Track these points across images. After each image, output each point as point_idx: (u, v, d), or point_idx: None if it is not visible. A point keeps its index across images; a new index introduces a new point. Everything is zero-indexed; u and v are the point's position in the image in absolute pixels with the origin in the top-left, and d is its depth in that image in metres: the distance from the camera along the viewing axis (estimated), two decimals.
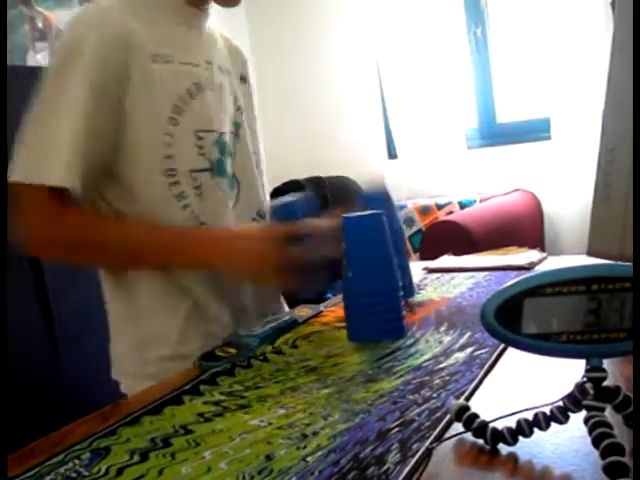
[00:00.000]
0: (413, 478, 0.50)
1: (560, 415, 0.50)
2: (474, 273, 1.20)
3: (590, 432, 0.46)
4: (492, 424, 0.53)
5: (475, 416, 0.54)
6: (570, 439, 0.52)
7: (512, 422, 0.52)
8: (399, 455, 0.53)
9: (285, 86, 3.42)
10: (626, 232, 0.67)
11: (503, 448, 0.52)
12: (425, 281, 1.19)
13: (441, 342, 0.82)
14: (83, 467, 0.57)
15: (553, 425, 0.51)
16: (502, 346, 0.75)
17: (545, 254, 1.27)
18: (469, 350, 0.77)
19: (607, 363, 0.48)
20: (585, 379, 0.49)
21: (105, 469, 0.57)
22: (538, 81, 2.86)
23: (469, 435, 0.54)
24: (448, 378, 0.69)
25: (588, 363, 0.48)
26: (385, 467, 0.51)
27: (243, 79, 1.16)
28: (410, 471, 0.50)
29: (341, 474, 0.51)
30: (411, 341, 0.84)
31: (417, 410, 0.61)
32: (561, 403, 0.50)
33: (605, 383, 0.48)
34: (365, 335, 0.86)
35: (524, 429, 0.52)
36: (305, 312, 1.02)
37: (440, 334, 0.85)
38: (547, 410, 0.51)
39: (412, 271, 1.09)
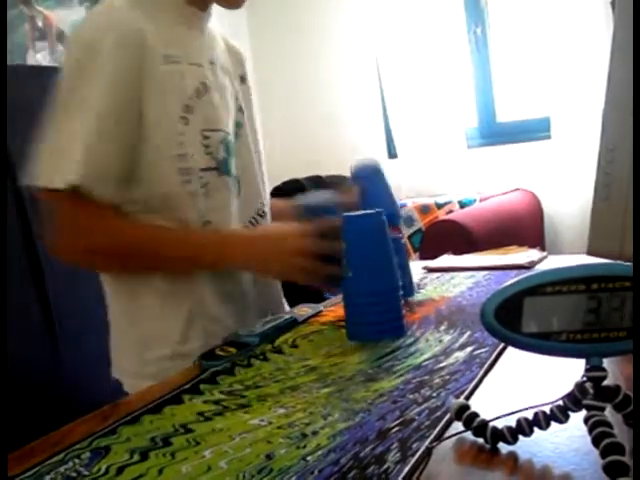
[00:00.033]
0: (413, 477, 0.50)
1: (560, 414, 0.50)
2: (474, 272, 1.20)
3: (590, 431, 0.46)
4: (492, 423, 0.53)
5: (475, 415, 0.54)
6: (570, 438, 0.52)
7: (512, 421, 0.52)
8: (399, 454, 0.53)
9: (285, 86, 3.42)
10: (626, 232, 0.67)
11: (503, 447, 0.52)
12: (425, 280, 1.19)
13: (441, 341, 0.82)
14: (83, 466, 0.58)
15: (553, 424, 0.51)
16: (502, 345, 0.76)
17: (545, 253, 1.27)
18: (469, 349, 0.77)
19: (607, 362, 0.48)
20: (585, 378, 0.49)
21: (105, 468, 0.57)
22: (538, 81, 2.85)
23: (469, 434, 0.54)
24: (448, 377, 0.69)
25: (588, 362, 0.48)
26: (385, 466, 0.51)
27: (242, 79, 1.17)
28: (410, 470, 0.50)
29: (341, 473, 0.51)
30: (411, 340, 0.84)
31: (417, 409, 0.61)
32: (561, 402, 0.50)
33: (605, 382, 0.48)
34: (365, 335, 0.86)
35: (524, 428, 0.52)
36: (305, 311, 1.02)
37: (440, 333, 0.85)
38: (547, 409, 0.51)
39: (412, 270, 1.09)
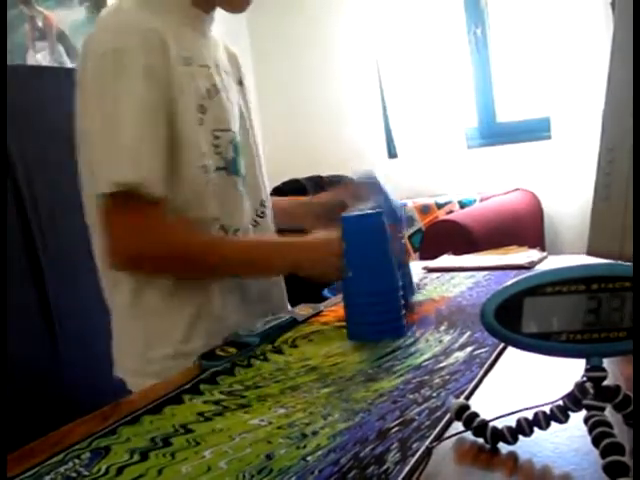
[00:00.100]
0: (413, 477, 0.50)
1: (560, 414, 0.50)
2: (474, 272, 1.20)
3: (590, 431, 0.46)
4: (492, 423, 0.53)
5: (475, 415, 0.54)
6: (570, 438, 0.52)
7: (512, 421, 0.52)
8: (399, 454, 0.53)
9: (285, 86, 3.42)
10: (626, 232, 0.67)
11: (503, 447, 0.52)
12: (425, 280, 1.19)
13: (441, 341, 0.82)
14: (83, 467, 0.57)
15: (553, 424, 0.51)
16: (502, 345, 0.75)
17: (545, 253, 1.27)
18: (469, 349, 0.77)
19: (607, 362, 0.48)
20: (585, 378, 0.49)
21: (105, 468, 0.57)
22: (538, 81, 2.85)
23: (469, 434, 0.54)
24: (448, 377, 0.69)
25: (588, 362, 0.48)
26: (385, 466, 0.51)
27: (240, 82, 1.19)
28: (410, 470, 0.50)
29: (341, 473, 0.51)
30: (411, 340, 0.84)
31: (417, 409, 0.61)
32: (561, 402, 0.50)
33: (605, 382, 0.48)
34: (365, 335, 0.86)
35: (524, 428, 0.52)
36: (305, 311, 1.02)
37: (440, 333, 0.85)
38: (547, 409, 0.51)
39: (412, 270, 1.09)
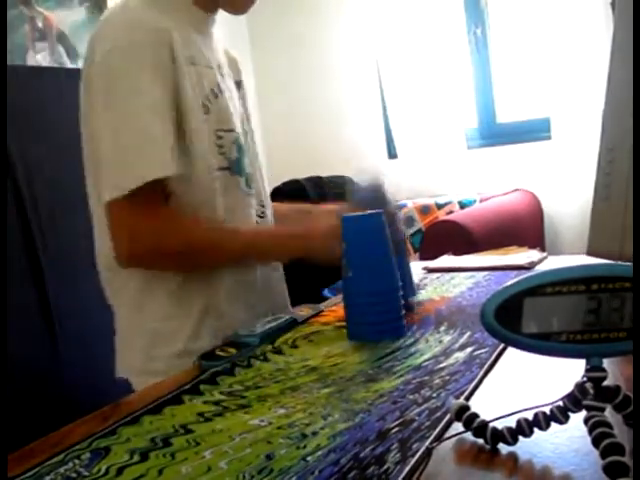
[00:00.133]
0: (413, 478, 0.50)
1: (560, 415, 0.50)
2: (474, 273, 1.20)
3: (590, 432, 0.46)
4: (492, 424, 0.53)
5: (475, 416, 0.54)
6: (570, 439, 0.52)
7: (512, 422, 0.52)
8: (399, 455, 0.53)
9: (285, 86, 3.42)
10: (626, 232, 0.67)
11: (503, 448, 0.52)
12: (425, 281, 1.19)
13: (441, 342, 0.82)
14: (83, 467, 0.57)
15: (553, 425, 0.51)
16: (502, 346, 0.75)
17: (545, 254, 1.27)
18: (469, 350, 0.77)
19: (607, 363, 0.48)
20: (585, 379, 0.48)
21: (105, 469, 0.56)
22: (538, 81, 2.85)
23: (469, 435, 0.54)
24: (448, 378, 0.69)
25: (588, 363, 0.48)
26: (385, 467, 0.51)
27: (238, 85, 1.20)
28: (410, 471, 0.50)
29: (341, 474, 0.51)
30: (411, 341, 0.84)
31: (417, 410, 0.61)
32: (561, 403, 0.50)
33: (605, 383, 0.48)
34: (365, 335, 0.86)
35: (524, 429, 0.52)
36: (305, 312, 1.02)
37: (440, 334, 0.85)
38: (547, 410, 0.51)
39: (412, 271, 1.09)
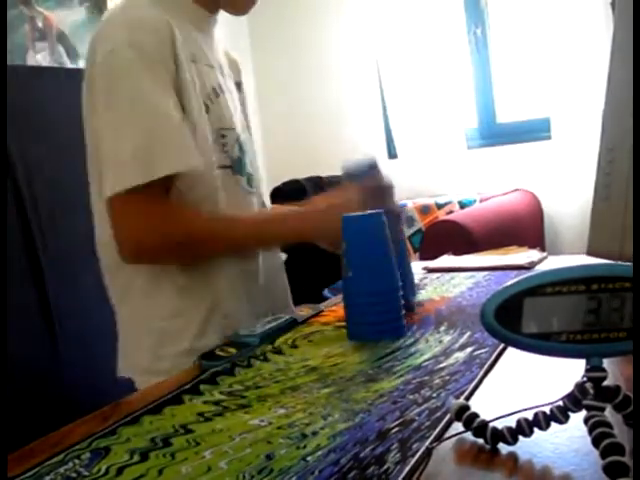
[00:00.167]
0: (413, 478, 0.50)
1: (560, 415, 0.50)
2: (474, 273, 1.20)
3: (590, 432, 0.46)
4: (492, 424, 0.53)
5: (475, 416, 0.54)
6: (570, 439, 0.52)
7: (512, 422, 0.52)
8: (399, 455, 0.53)
9: (285, 86, 3.42)
10: (626, 232, 0.67)
11: (503, 448, 0.52)
12: (425, 281, 1.19)
13: (441, 342, 0.82)
14: (83, 467, 0.57)
15: (553, 425, 0.51)
16: (502, 346, 0.75)
17: (545, 254, 1.27)
18: (469, 350, 0.77)
19: (607, 363, 0.48)
20: (585, 379, 0.48)
21: (105, 469, 0.56)
22: (538, 81, 2.86)
23: (469, 435, 0.54)
24: (448, 378, 0.69)
25: (588, 363, 0.48)
26: (385, 467, 0.51)
27: (238, 86, 1.20)
28: (410, 471, 0.50)
29: (341, 474, 0.51)
30: (411, 341, 0.84)
31: (417, 410, 0.61)
32: (561, 403, 0.50)
33: (605, 383, 0.48)
34: (365, 335, 0.86)
35: (524, 429, 0.52)
36: (305, 312, 1.02)
37: (440, 334, 0.85)
38: (547, 410, 0.51)
39: (413, 271, 1.09)
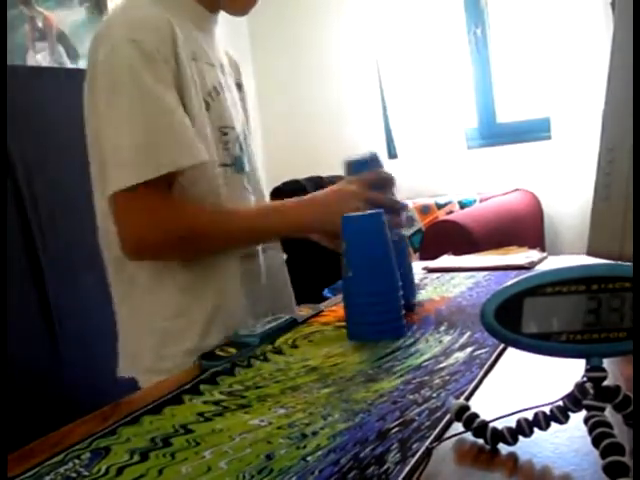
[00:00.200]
0: (413, 478, 0.50)
1: (560, 415, 0.50)
2: (474, 273, 1.20)
3: (590, 432, 0.46)
4: (492, 424, 0.53)
5: (475, 416, 0.54)
6: (570, 439, 0.52)
7: (512, 422, 0.52)
8: (399, 455, 0.53)
9: (285, 86, 3.42)
10: (626, 232, 0.67)
11: (503, 448, 0.52)
12: (425, 281, 1.19)
13: (441, 342, 0.82)
14: (83, 467, 0.57)
15: (553, 425, 0.51)
16: (502, 346, 0.75)
17: (545, 254, 1.27)
18: (469, 350, 0.77)
19: (607, 363, 0.48)
20: (585, 379, 0.48)
21: (105, 469, 0.56)
22: (538, 81, 2.86)
23: (469, 435, 0.54)
24: (448, 378, 0.69)
25: (588, 363, 0.48)
26: (385, 467, 0.51)
27: (239, 86, 1.21)
28: (410, 471, 0.50)
29: (341, 474, 0.51)
30: (411, 341, 0.84)
31: (417, 410, 0.61)
32: (561, 403, 0.50)
33: (605, 383, 0.48)
34: (365, 335, 0.86)
35: (524, 429, 0.52)
36: (305, 312, 1.02)
37: (440, 334, 0.85)
38: (547, 410, 0.51)
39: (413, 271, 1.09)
